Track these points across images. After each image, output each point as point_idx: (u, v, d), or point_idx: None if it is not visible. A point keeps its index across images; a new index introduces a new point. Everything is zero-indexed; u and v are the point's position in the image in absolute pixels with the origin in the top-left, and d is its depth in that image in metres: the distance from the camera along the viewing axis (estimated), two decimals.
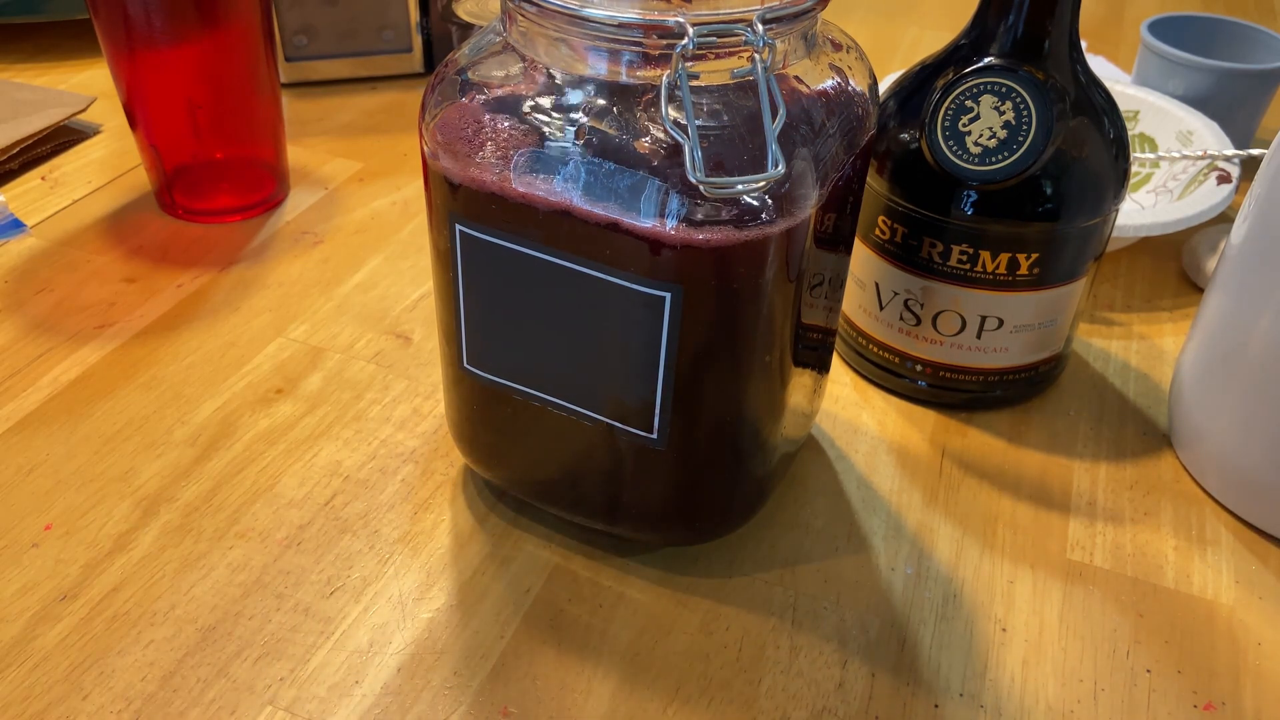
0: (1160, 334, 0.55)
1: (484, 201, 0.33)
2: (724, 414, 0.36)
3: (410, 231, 0.61)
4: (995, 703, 0.37)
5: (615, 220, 0.31)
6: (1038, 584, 0.41)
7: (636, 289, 0.32)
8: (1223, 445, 0.44)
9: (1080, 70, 0.43)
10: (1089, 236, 0.45)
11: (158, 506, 0.42)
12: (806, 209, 0.32)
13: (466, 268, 0.36)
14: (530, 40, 0.33)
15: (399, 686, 0.36)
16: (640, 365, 0.34)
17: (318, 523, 0.42)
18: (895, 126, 0.45)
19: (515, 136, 0.32)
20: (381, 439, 0.46)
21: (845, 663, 0.38)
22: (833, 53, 0.36)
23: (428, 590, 0.40)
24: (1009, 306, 0.45)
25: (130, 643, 0.37)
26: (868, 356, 0.50)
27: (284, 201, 0.63)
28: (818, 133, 0.33)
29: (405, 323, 0.54)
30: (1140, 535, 0.44)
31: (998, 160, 0.42)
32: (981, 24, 0.43)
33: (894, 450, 0.47)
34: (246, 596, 0.39)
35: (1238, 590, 0.41)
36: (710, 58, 0.31)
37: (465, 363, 0.38)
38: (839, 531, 0.43)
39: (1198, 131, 0.62)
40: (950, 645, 0.39)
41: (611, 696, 0.36)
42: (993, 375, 0.48)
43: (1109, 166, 0.44)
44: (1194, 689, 0.38)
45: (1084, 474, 0.46)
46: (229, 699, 0.36)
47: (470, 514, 0.43)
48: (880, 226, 0.46)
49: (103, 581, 0.39)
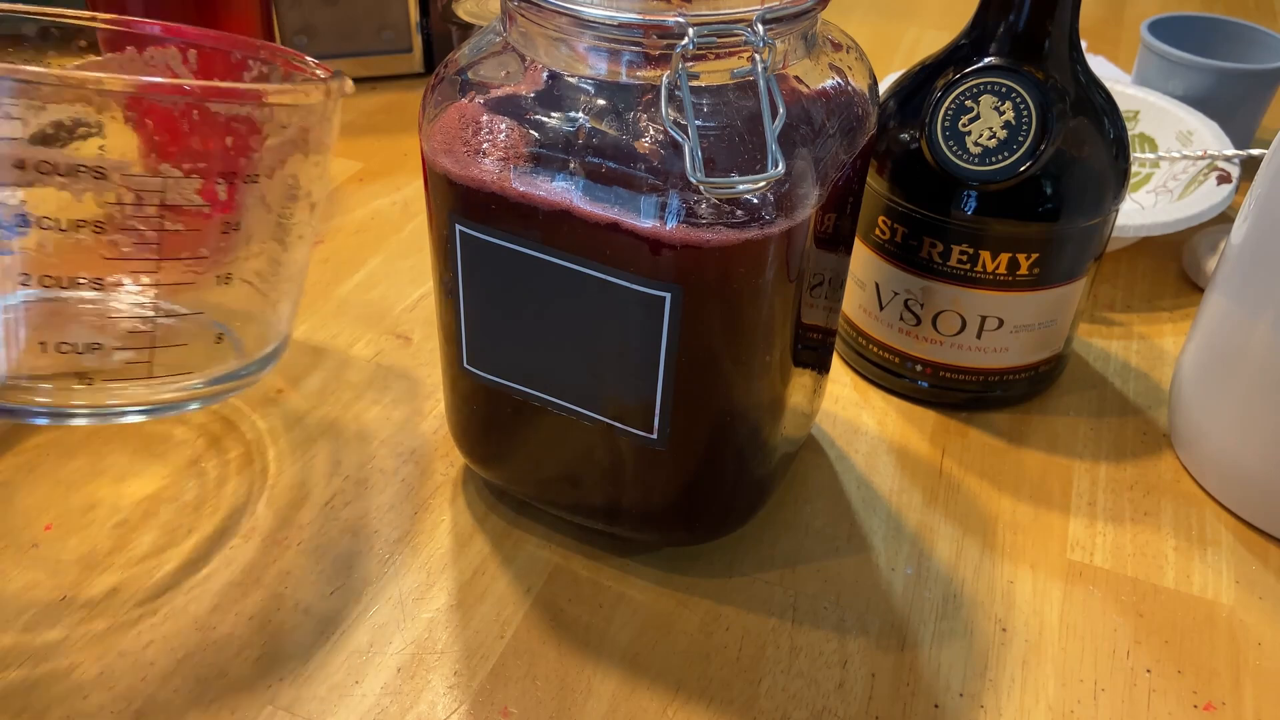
0: (1160, 334, 0.55)
1: (484, 201, 0.33)
2: (724, 414, 0.36)
3: (410, 231, 0.61)
4: (995, 703, 0.37)
5: (615, 220, 0.31)
6: (1038, 584, 0.41)
7: (636, 289, 0.32)
8: (1223, 445, 0.44)
9: (1080, 70, 0.43)
10: (1089, 236, 0.45)
11: (158, 506, 0.42)
12: (806, 209, 0.32)
13: (466, 268, 0.36)
14: (530, 40, 0.33)
15: (399, 686, 0.36)
16: (640, 365, 0.34)
17: (318, 523, 0.42)
18: (895, 126, 0.45)
19: (515, 136, 0.32)
20: (381, 439, 0.46)
21: (845, 663, 0.38)
22: (833, 53, 0.36)
23: (428, 590, 0.40)
24: (1009, 306, 0.45)
25: (130, 642, 0.37)
26: (868, 356, 0.50)
27: None
28: (818, 133, 0.33)
29: (405, 323, 0.54)
30: (1140, 535, 0.44)
31: (998, 160, 0.42)
32: (981, 24, 0.43)
33: (894, 450, 0.47)
34: (246, 596, 0.39)
35: (1238, 590, 0.41)
36: (710, 58, 0.31)
37: (465, 363, 0.38)
38: (839, 531, 0.43)
39: (1198, 131, 0.62)
40: (950, 645, 0.39)
41: (611, 696, 0.36)
42: (993, 375, 0.48)
43: (1109, 166, 0.44)
44: (1194, 689, 0.38)
45: (1084, 474, 0.46)
46: (229, 699, 0.36)
47: (470, 514, 0.43)
48: (880, 226, 0.46)
49: (103, 581, 0.39)
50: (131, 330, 0.35)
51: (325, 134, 0.40)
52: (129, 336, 0.35)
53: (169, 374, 0.37)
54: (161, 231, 0.34)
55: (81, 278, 0.33)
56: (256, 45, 0.45)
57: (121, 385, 0.36)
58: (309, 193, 0.41)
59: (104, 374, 0.36)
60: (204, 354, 0.38)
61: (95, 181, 0.33)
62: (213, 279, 0.37)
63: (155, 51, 0.44)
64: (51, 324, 0.35)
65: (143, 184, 0.34)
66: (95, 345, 0.35)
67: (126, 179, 0.33)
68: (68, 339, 0.35)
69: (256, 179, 0.37)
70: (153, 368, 0.37)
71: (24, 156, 0.32)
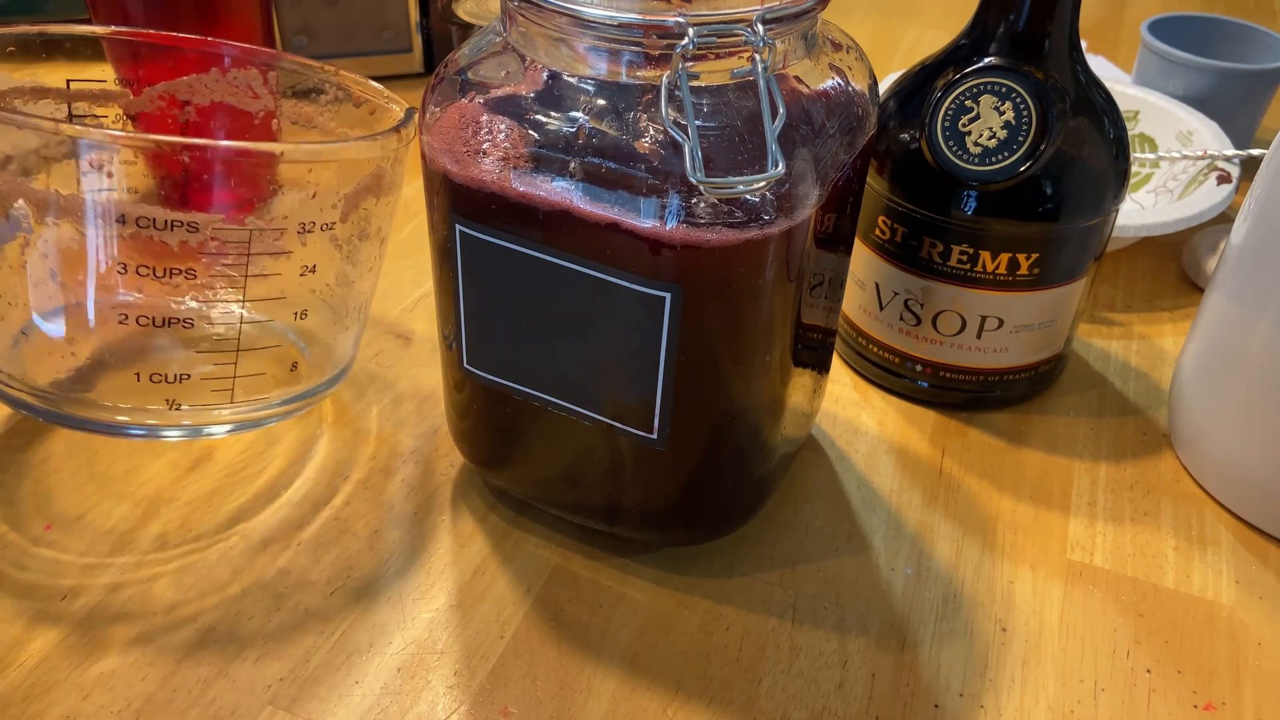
0: (1160, 334, 0.55)
1: (484, 201, 0.33)
2: (724, 414, 0.36)
3: (410, 231, 0.61)
4: (995, 703, 0.37)
5: (615, 220, 0.31)
6: (1038, 584, 0.41)
7: (636, 289, 0.32)
8: (1223, 445, 0.44)
9: (1080, 70, 0.43)
10: (1089, 236, 0.45)
11: (158, 506, 0.42)
12: (806, 209, 0.32)
13: (466, 268, 0.36)
14: (530, 40, 0.33)
15: (399, 686, 0.36)
16: (640, 365, 0.34)
17: (318, 523, 0.42)
18: (895, 126, 0.45)
19: (515, 136, 0.32)
20: (381, 439, 0.46)
21: (845, 663, 0.38)
22: (833, 53, 0.36)
23: (428, 590, 0.40)
24: (1009, 306, 0.45)
25: (130, 643, 0.37)
26: (868, 356, 0.50)
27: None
28: (818, 133, 0.33)
29: (405, 323, 0.54)
30: (1140, 535, 0.44)
31: (998, 160, 0.42)
32: (981, 24, 0.43)
33: (894, 450, 0.47)
34: (246, 597, 0.39)
35: (1238, 590, 0.41)
36: (710, 58, 0.31)
37: (465, 363, 0.38)
38: (839, 531, 0.43)
39: (1198, 131, 0.62)
40: (950, 645, 0.39)
41: (611, 696, 0.36)
42: (993, 375, 0.48)
43: (1109, 166, 0.44)
44: (1194, 689, 0.38)
45: (1084, 474, 0.46)
46: (229, 699, 0.36)
47: (470, 514, 0.43)
48: (880, 226, 0.46)
49: (103, 581, 0.39)
50: (216, 363, 0.40)
51: (397, 175, 0.43)
52: (213, 369, 0.40)
53: (248, 395, 0.41)
54: (246, 276, 0.38)
55: (173, 318, 0.38)
56: (332, 70, 0.47)
57: (208, 407, 0.41)
58: (379, 229, 0.43)
59: (191, 398, 0.40)
60: (279, 378, 0.43)
61: (189, 233, 0.36)
62: (289, 314, 0.42)
63: (238, 73, 0.47)
64: (144, 358, 0.39)
65: (230, 235, 0.37)
66: (184, 376, 0.39)
67: (217, 230, 0.37)
68: (158, 370, 0.39)
69: (332, 226, 0.40)
70: (234, 394, 0.41)
71: (126, 212, 0.36)
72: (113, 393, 0.40)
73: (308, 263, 0.40)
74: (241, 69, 0.47)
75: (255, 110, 0.47)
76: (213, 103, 0.47)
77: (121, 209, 0.36)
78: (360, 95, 0.46)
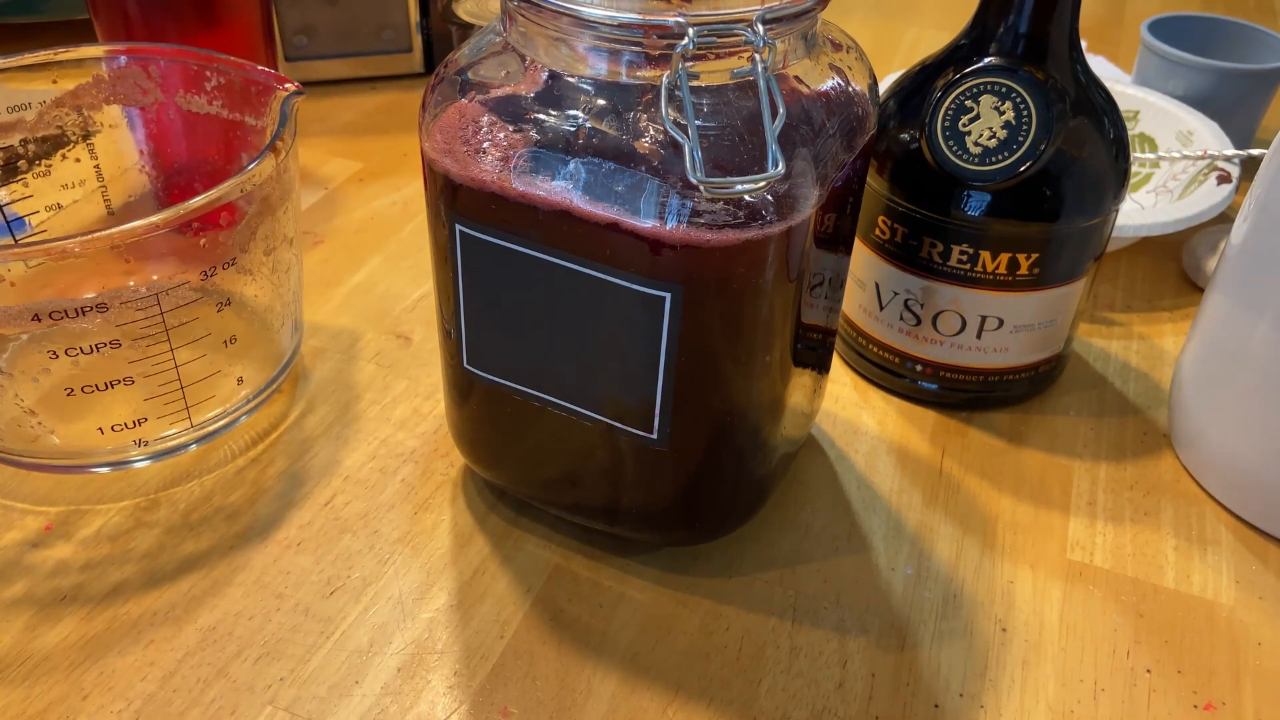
0: (1160, 334, 0.55)
1: (484, 201, 0.33)
2: (724, 414, 0.36)
3: (410, 231, 0.61)
4: (995, 703, 0.37)
5: (615, 220, 0.31)
6: (1038, 584, 0.41)
7: (636, 289, 0.32)
8: (1223, 445, 0.44)
9: (1080, 70, 0.43)
10: (1089, 236, 0.45)
11: (157, 506, 0.42)
12: (806, 209, 0.32)
13: (466, 268, 0.36)
14: (530, 40, 0.33)
15: (399, 686, 0.36)
16: (640, 365, 0.34)
17: (318, 523, 0.42)
18: (895, 126, 0.45)
19: (515, 136, 0.32)
20: (381, 439, 0.46)
21: (845, 663, 0.38)
22: (833, 53, 0.36)
23: (428, 590, 0.40)
24: (1009, 306, 0.45)
25: (130, 643, 0.37)
26: (868, 356, 0.50)
27: None
28: (818, 133, 0.33)
29: (405, 323, 0.54)
30: (1140, 535, 0.44)
31: (998, 160, 0.42)
32: (981, 24, 0.43)
33: (894, 450, 0.47)
34: (246, 596, 0.39)
35: (1238, 590, 0.41)
36: (710, 58, 0.31)
37: (465, 363, 0.38)
38: (839, 531, 0.43)
39: (1198, 131, 0.62)
40: (950, 645, 0.39)
41: (611, 696, 0.36)
42: (993, 375, 0.48)
43: (1109, 166, 0.44)
44: (1194, 689, 0.38)
45: (1084, 474, 0.46)
46: (229, 699, 0.36)
47: (470, 514, 0.43)
48: (880, 226, 0.46)
49: (103, 581, 0.39)
50: (166, 401, 0.43)
51: (288, 185, 0.44)
52: (166, 406, 0.43)
53: (206, 415, 0.45)
54: (167, 330, 0.41)
55: (115, 380, 0.41)
56: (211, 56, 0.48)
57: (172, 433, 0.44)
58: (286, 234, 0.46)
59: (154, 433, 0.43)
60: (228, 392, 0.45)
61: (101, 314, 0.39)
62: (219, 343, 0.44)
63: (123, 71, 0.49)
64: (100, 413, 0.42)
65: (140, 303, 0.40)
66: (142, 419, 0.43)
67: (125, 304, 0.39)
68: (117, 421, 0.42)
69: (234, 261, 0.43)
70: (191, 418, 0.44)
71: (37, 310, 0.38)
72: (80, 443, 0.43)
73: (221, 299, 0.43)
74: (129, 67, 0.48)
75: (148, 104, 0.49)
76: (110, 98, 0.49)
77: (34, 310, 0.38)
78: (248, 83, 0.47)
